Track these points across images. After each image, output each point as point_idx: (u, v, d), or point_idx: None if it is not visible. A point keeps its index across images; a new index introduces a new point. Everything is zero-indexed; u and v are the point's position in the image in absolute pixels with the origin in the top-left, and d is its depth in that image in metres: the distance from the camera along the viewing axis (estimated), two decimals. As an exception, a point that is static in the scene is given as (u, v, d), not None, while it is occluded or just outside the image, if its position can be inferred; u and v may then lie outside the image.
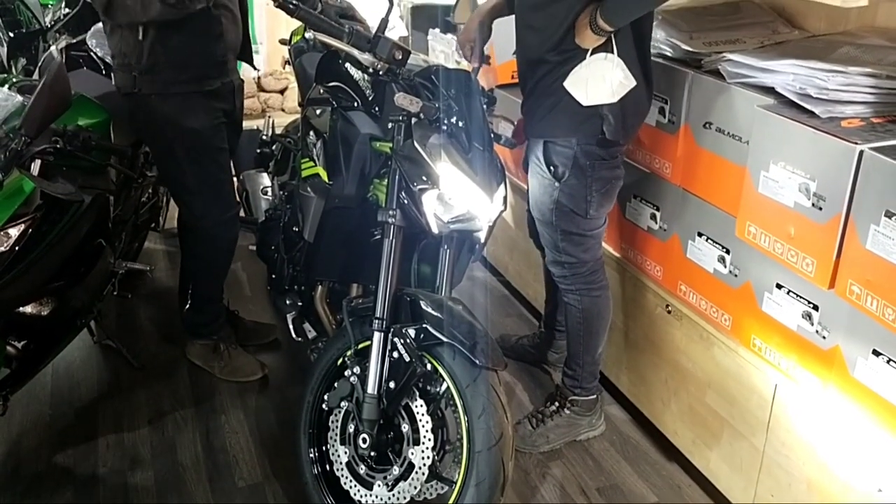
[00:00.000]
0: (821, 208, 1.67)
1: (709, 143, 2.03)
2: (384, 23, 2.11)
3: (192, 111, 2.37)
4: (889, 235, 1.52)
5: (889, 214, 1.51)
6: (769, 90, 1.85)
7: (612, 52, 1.91)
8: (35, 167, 2.09)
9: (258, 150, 3.16)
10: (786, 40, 2.05)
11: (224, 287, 2.77)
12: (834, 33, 2.04)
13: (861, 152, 1.56)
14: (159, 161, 2.57)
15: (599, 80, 1.92)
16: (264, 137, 3.20)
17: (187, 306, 2.72)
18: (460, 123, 2.04)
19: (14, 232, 1.87)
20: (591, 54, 1.92)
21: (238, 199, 2.88)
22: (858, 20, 2.02)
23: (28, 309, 2.10)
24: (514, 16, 2.14)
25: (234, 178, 2.79)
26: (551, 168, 2.10)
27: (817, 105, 1.70)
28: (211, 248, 2.61)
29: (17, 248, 1.89)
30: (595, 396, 2.42)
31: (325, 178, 2.19)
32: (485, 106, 2.16)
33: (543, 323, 2.78)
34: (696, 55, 2.07)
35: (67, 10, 4.14)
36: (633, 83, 1.94)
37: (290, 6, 2.02)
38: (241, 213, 3.17)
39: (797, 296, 1.83)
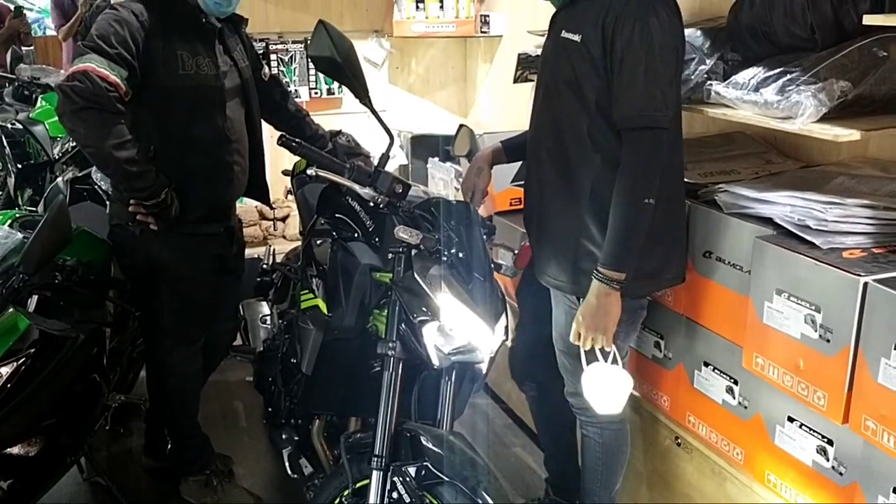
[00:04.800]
0: (828, 340, 1.64)
1: (710, 272, 2.03)
2: (385, 157, 2.15)
3: (184, 254, 2.36)
4: (901, 369, 1.48)
5: (899, 348, 1.49)
6: (767, 220, 1.86)
7: None
8: (32, 302, 2.08)
9: (258, 279, 3.16)
10: (780, 171, 2.08)
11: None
12: (827, 164, 2.08)
13: (865, 284, 1.55)
14: (139, 295, 2.51)
15: (603, 389, 1.91)
16: (265, 266, 3.21)
17: (169, 447, 2.64)
18: (461, 254, 2.04)
19: (6, 371, 1.84)
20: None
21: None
22: (850, 151, 2.06)
23: (16, 449, 2.03)
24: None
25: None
26: (580, 298, 2.03)
27: (817, 236, 1.71)
28: (178, 383, 2.57)
29: (8, 386, 1.85)
30: (607, 537, 2.30)
31: (325, 310, 2.17)
32: (484, 236, 2.17)
33: (550, 485, 2.55)
34: (692, 185, 2.09)
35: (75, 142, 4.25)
36: (631, 384, 1.92)
37: (293, 144, 2.07)
38: (239, 342, 3.15)
39: (810, 430, 1.77)
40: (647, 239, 1.85)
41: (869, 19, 1.63)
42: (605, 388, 1.91)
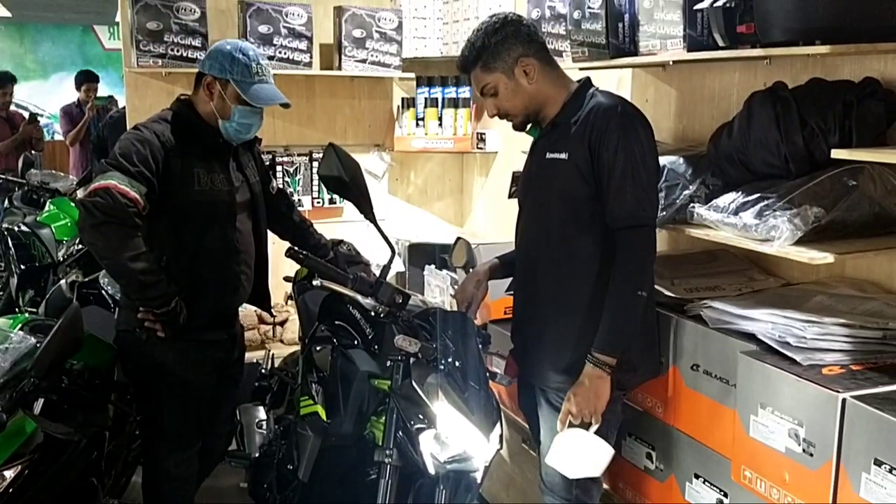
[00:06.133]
0: (812, 454, 1.69)
1: (697, 384, 2.10)
2: (386, 269, 2.25)
3: (189, 360, 2.43)
4: (881, 484, 1.54)
5: (878, 463, 1.54)
6: (751, 335, 1.95)
7: None
8: (38, 405, 2.12)
9: (256, 384, 3.19)
10: (763, 288, 2.19)
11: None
12: (807, 282, 2.18)
13: (844, 400, 1.62)
14: (141, 399, 2.57)
15: (580, 454, 1.99)
16: (263, 371, 3.25)
17: None
18: (457, 363, 2.11)
19: (9, 474, 1.87)
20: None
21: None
22: (828, 270, 2.17)
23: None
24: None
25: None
26: None
27: (797, 353, 1.79)
28: (173, 487, 2.58)
29: (10, 490, 1.87)
30: None
31: (324, 417, 2.22)
32: (480, 345, 2.24)
33: None
34: (679, 300, 2.19)
35: (81, 245, 4.36)
36: (612, 452, 2.00)
37: (300, 256, 2.18)
38: (234, 447, 3.16)
39: (799, 543, 1.80)
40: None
41: (836, 153, 1.77)
42: (584, 453, 1.98)
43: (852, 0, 1.72)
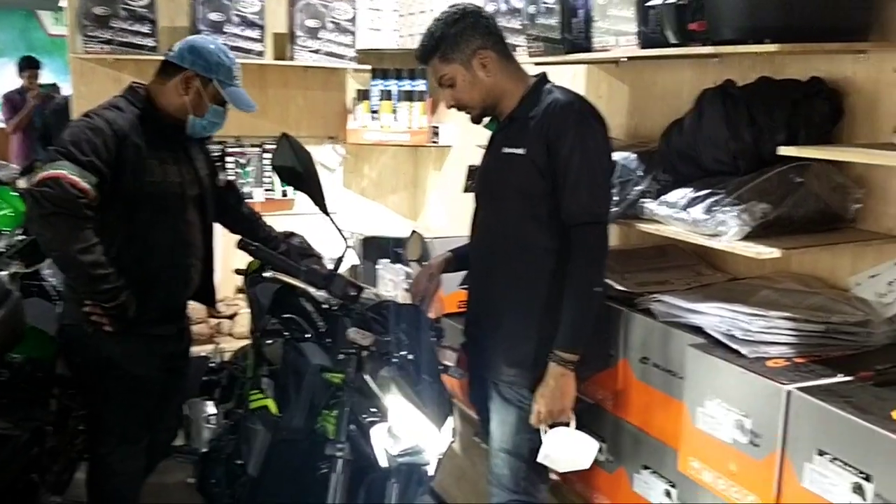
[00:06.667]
0: (757, 445, 1.73)
1: (647, 377, 2.13)
2: (339, 262, 2.23)
3: (137, 354, 2.37)
4: (823, 473, 1.58)
5: (821, 453, 1.58)
6: (698, 329, 1.98)
7: None
8: (-24, 399, 2.06)
9: (205, 378, 3.14)
10: (710, 283, 2.23)
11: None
12: (753, 277, 2.23)
13: (789, 392, 1.66)
14: (87, 394, 2.50)
15: (567, 450, 2.03)
16: (212, 365, 3.20)
17: None
18: (410, 356, 2.11)
19: (-54, 470, 1.81)
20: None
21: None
22: (774, 265, 2.21)
23: (-54, 553, 1.97)
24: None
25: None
26: (532, 392, 2.09)
27: (743, 346, 1.83)
28: (119, 483, 2.52)
29: (-55, 487, 1.81)
30: None
31: (275, 410, 2.19)
32: (433, 338, 2.24)
33: None
34: (629, 294, 2.22)
35: (23, 236, 4.23)
36: (597, 445, 2.05)
37: (252, 248, 2.14)
38: (182, 442, 3.10)
39: (744, 532, 1.84)
40: None
41: (783, 150, 1.81)
42: (570, 449, 2.03)
43: (801, 0, 1.76)
